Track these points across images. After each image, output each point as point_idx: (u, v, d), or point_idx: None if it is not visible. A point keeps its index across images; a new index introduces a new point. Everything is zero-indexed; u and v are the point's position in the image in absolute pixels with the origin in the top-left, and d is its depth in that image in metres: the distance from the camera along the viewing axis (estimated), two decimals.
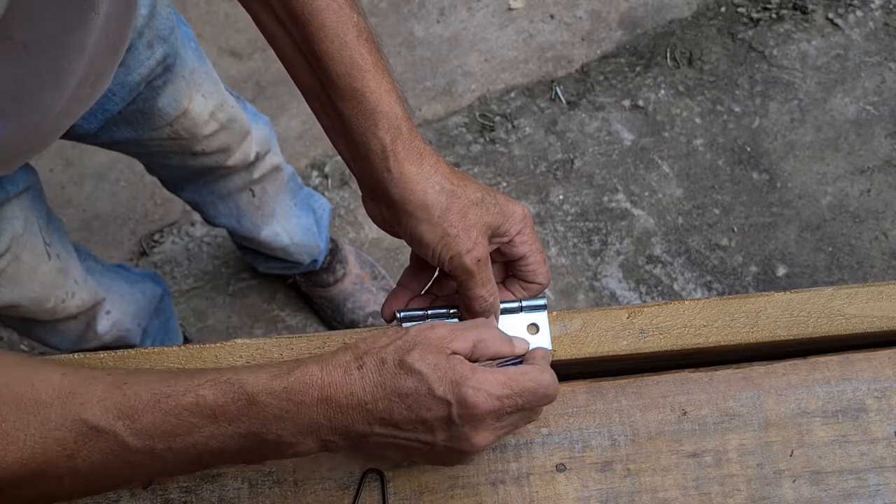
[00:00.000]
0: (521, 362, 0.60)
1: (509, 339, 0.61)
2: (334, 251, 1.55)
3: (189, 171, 1.13)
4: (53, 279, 0.97)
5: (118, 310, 1.18)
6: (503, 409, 0.55)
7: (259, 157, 1.17)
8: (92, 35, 0.59)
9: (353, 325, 1.58)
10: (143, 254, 1.69)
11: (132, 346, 1.27)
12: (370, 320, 1.57)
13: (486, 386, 0.54)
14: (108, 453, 0.51)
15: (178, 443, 0.52)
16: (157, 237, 1.71)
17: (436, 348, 0.55)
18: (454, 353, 0.56)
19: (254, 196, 1.23)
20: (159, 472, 0.54)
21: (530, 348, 0.62)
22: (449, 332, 0.57)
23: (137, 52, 0.86)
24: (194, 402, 0.52)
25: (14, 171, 0.82)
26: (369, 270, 1.60)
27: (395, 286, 0.71)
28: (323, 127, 0.67)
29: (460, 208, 0.63)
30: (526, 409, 0.57)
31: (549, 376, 0.58)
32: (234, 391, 0.52)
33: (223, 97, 1.04)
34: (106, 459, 0.51)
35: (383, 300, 1.64)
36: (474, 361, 0.57)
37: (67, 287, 1.02)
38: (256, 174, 1.20)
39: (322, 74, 0.62)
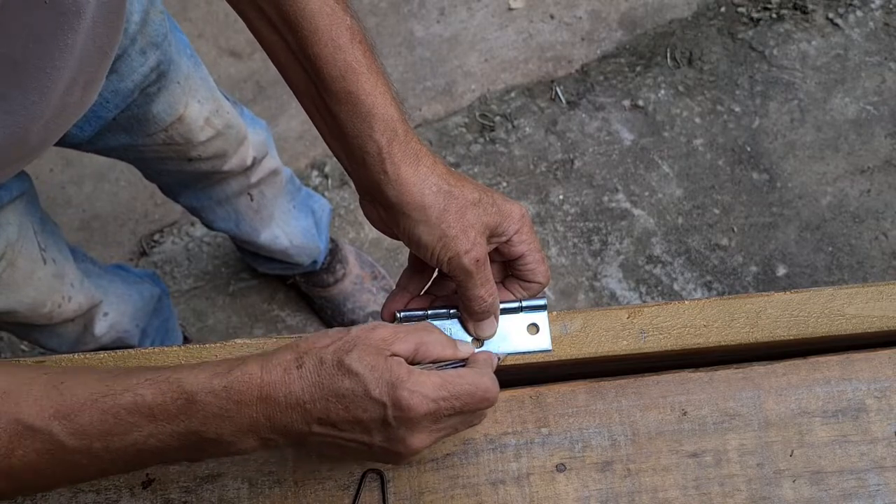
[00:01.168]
0: (463, 366, 0.60)
1: (452, 343, 0.61)
2: (334, 251, 1.55)
3: (186, 176, 1.12)
4: (49, 284, 0.97)
5: (116, 311, 1.18)
6: (440, 412, 0.55)
7: (256, 162, 1.17)
8: (78, 40, 0.59)
9: (353, 325, 1.57)
10: (143, 254, 1.69)
11: (131, 347, 1.27)
12: (370, 320, 1.56)
13: (422, 388, 0.54)
14: (45, 453, 0.51)
15: (117, 442, 0.52)
16: (157, 237, 1.71)
17: (375, 350, 0.55)
18: (394, 354, 0.56)
19: (252, 200, 1.23)
20: (96, 471, 0.54)
21: (477, 351, 0.62)
22: (390, 334, 0.57)
23: (130, 58, 0.86)
24: (132, 401, 0.52)
25: (7, 179, 0.81)
26: (369, 270, 1.60)
27: (394, 288, 0.71)
28: (319, 130, 0.67)
29: (458, 209, 0.62)
30: (465, 412, 0.57)
31: (489, 380, 0.58)
32: (172, 390, 0.52)
33: (219, 103, 1.04)
34: (42, 459, 0.51)
35: (383, 300, 1.65)
36: (415, 364, 0.57)
37: (63, 292, 1.01)
38: (254, 178, 1.19)
39: (316, 78, 0.62)
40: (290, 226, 1.35)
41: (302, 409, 0.54)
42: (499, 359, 0.65)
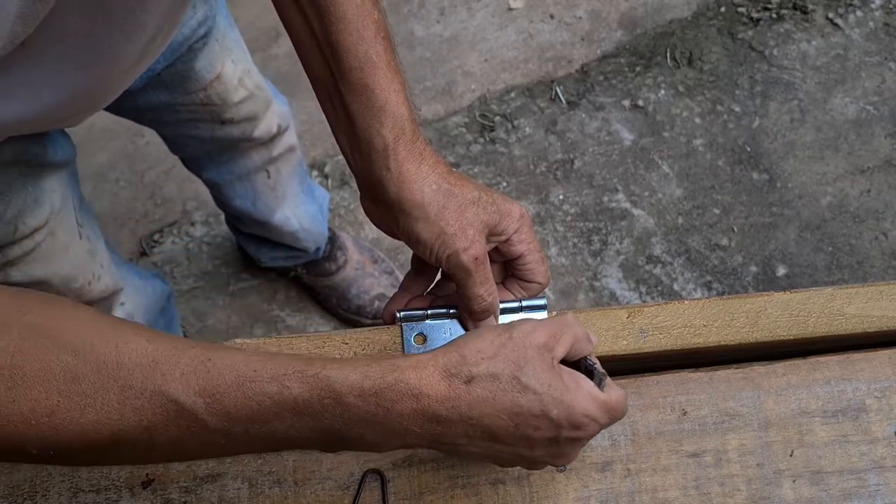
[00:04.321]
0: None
1: (587, 336, 0.59)
2: (332, 239, 1.57)
3: (214, 145, 1.14)
4: (83, 259, 0.99)
5: (131, 302, 1.20)
6: (600, 430, 0.56)
7: (280, 131, 1.20)
8: None
9: (359, 310, 1.59)
10: (143, 254, 1.69)
11: None
12: (376, 304, 1.58)
13: (594, 413, 0.54)
14: (186, 430, 0.49)
15: (256, 429, 0.51)
16: (157, 237, 1.71)
17: (544, 362, 0.54)
18: (556, 359, 0.55)
19: (269, 177, 1.26)
20: (230, 451, 0.53)
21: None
22: (548, 337, 0.55)
23: None
24: (278, 392, 0.50)
25: (61, 135, 0.85)
26: (368, 255, 1.61)
27: (397, 288, 0.71)
28: (328, 119, 0.67)
29: (457, 207, 0.63)
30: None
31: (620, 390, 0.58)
32: (321, 388, 0.51)
33: (249, 64, 1.07)
34: (182, 435, 0.50)
35: (386, 283, 1.66)
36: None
37: (94, 270, 1.03)
38: (275, 152, 1.22)
39: (335, 65, 0.63)
40: (299, 209, 1.38)
41: (467, 424, 0.52)
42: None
